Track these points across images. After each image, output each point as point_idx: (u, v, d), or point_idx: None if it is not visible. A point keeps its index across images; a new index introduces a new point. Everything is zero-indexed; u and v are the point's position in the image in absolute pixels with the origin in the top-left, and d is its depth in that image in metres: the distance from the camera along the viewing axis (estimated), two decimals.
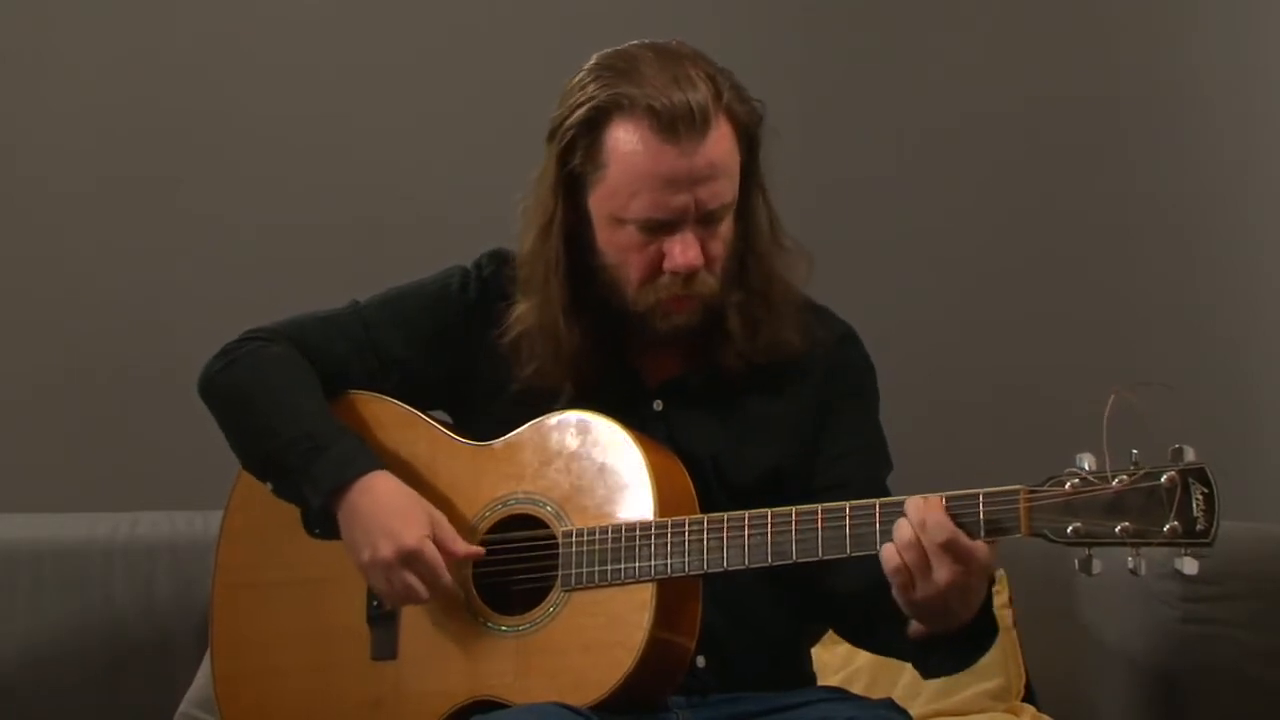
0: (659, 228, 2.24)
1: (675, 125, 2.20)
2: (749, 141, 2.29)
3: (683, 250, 2.24)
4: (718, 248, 2.28)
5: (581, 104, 2.26)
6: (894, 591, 2.08)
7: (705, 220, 2.25)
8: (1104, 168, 3.62)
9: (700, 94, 2.22)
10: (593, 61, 2.30)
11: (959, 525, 2.04)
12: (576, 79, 2.29)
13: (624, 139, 2.23)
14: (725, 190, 2.25)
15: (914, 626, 2.15)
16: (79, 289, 3.57)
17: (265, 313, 2.48)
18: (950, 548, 2.03)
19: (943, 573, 2.04)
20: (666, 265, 2.25)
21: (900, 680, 2.98)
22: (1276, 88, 3.38)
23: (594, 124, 2.25)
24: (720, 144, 2.24)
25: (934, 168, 3.65)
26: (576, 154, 2.27)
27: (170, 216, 3.59)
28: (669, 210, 2.23)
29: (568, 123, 2.27)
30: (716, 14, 3.64)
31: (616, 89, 2.23)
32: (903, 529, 2.06)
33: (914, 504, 2.07)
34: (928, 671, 2.30)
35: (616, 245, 2.28)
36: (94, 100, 3.60)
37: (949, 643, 2.16)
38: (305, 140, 3.61)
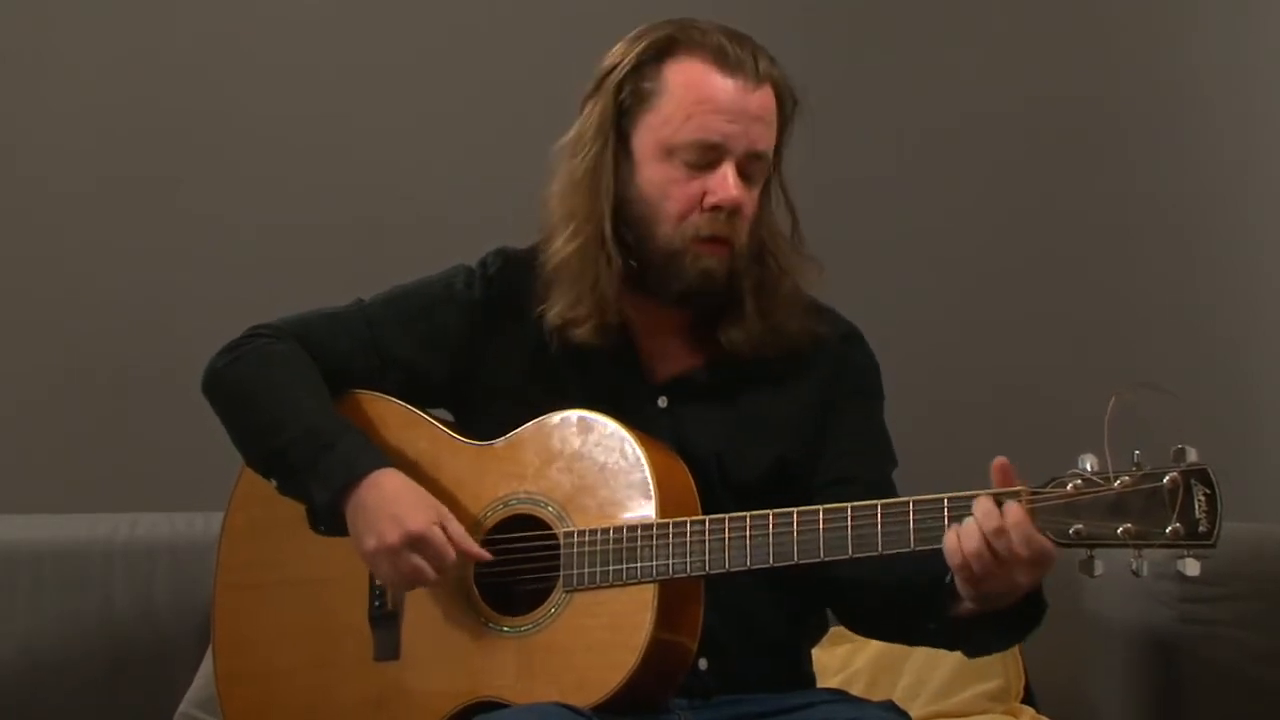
0: (706, 158, 2.28)
1: (740, 64, 2.28)
2: (783, 124, 2.34)
3: (724, 185, 2.27)
4: (751, 203, 2.31)
5: (641, 43, 2.32)
6: (958, 581, 2.09)
7: (747, 165, 2.29)
8: (1104, 168, 3.62)
9: (759, 57, 2.30)
10: (640, 34, 2.35)
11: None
12: (630, 34, 2.35)
13: (685, 67, 2.30)
14: (770, 140, 2.31)
15: (965, 607, 2.14)
16: (79, 289, 3.57)
17: (266, 313, 2.48)
18: (1038, 560, 2.04)
19: (1022, 576, 2.06)
20: (708, 200, 2.28)
21: (900, 682, 2.98)
22: (1276, 88, 3.38)
23: (656, 55, 2.31)
24: (771, 99, 2.31)
25: (934, 168, 3.65)
26: (627, 88, 2.31)
27: (170, 216, 3.59)
28: (721, 134, 2.27)
29: (626, 59, 2.32)
30: (716, 14, 3.64)
31: (679, 31, 2.31)
32: (970, 536, 2.05)
33: (987, 511, 2.05)
34: (976, 649, 2.29)
35: (658, 180, 2.30)
36: (94, 100, 3.60)
37: (1001, 619, 2.15)
38: (305, 140, 3.61)
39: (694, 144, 2.28)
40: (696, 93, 2.28)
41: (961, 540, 2.05)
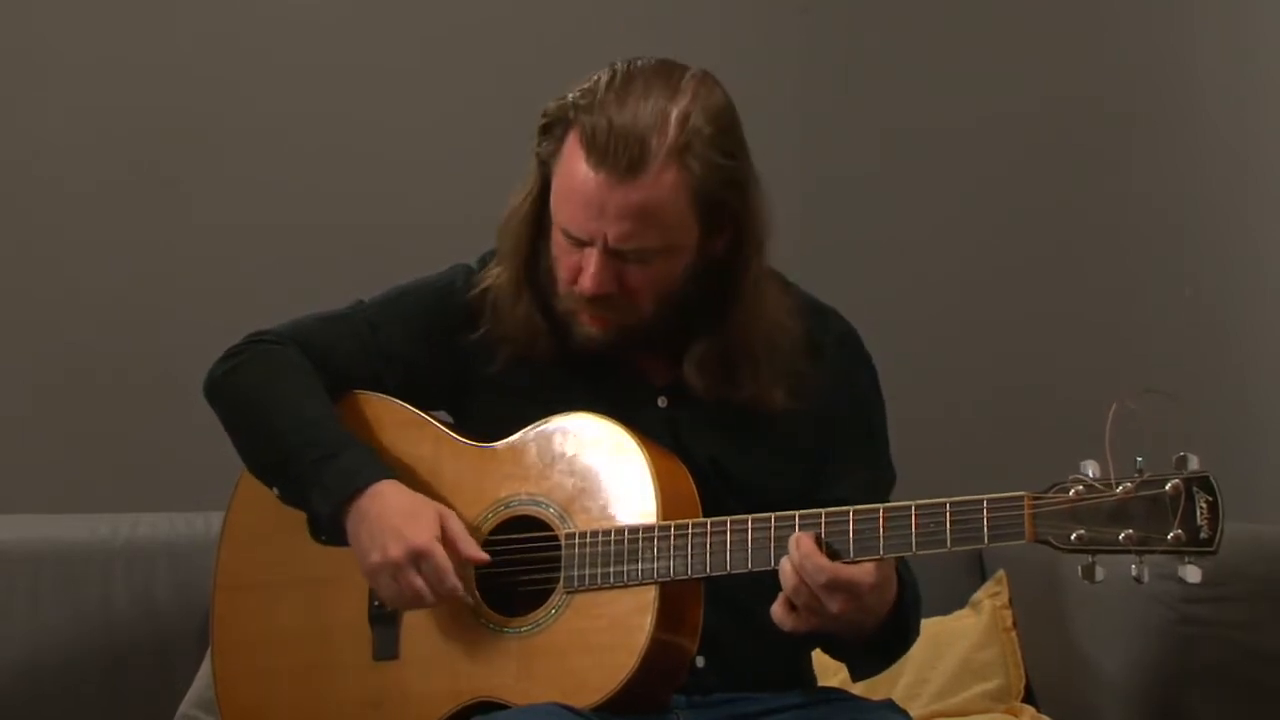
0: (579, 242, 2.25)
1: (605, 156, 2.20)
2: (707, 199, 2.24)
3: (585, 275, 2.25)
4: (639, 282, 2.26)
5: (559, 104, 2.27)
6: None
7: (620, 254, 2.24)
8: (1104, 168, 3.63)
9: (653, 136, 2.20)
10: (615, 64, 2.28)
11: (832, 549, 2.11)
12: (595, 75, 2.29)
13: (569, 147, 2.24)
14: (644, 236, 2.23)
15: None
16: (79, 289, 3.57)
17: (266, 314, 2.48)
18: (834, 585, 2.09)
19: (834, 605, 2.10)
20: (578, 279, 2.27)
21: (900, 681, 2.98)
22: (1276, 88, 3.38)
23: (561, 124, 2.26)
24: (653, 191, 2.21)
25: (934, 168, 3.65)
26: (546, 144, 2.28)
27: (170, 217, 3.59)
28: (578, 229, 2.24)
29: (548, 111, 2.28)
30: (716, 14, 3.64)
31: (583, 103, 2.23)
32: (787, 576, 2.11)
33: (791, 543, 2.11)
34: (853, 675, 2.39)
35: (555, 245, 2.30)
36: (94, 100, 3.60)
37: (867, 647, 2.25)
38: (306, 140, 3.61)
39: (560, 228, 2.26)
40: (565, 179, 2.24)
41: (783, 582, 2.11)
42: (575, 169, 2.22)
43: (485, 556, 2.27)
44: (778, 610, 2.13)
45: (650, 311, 2.28)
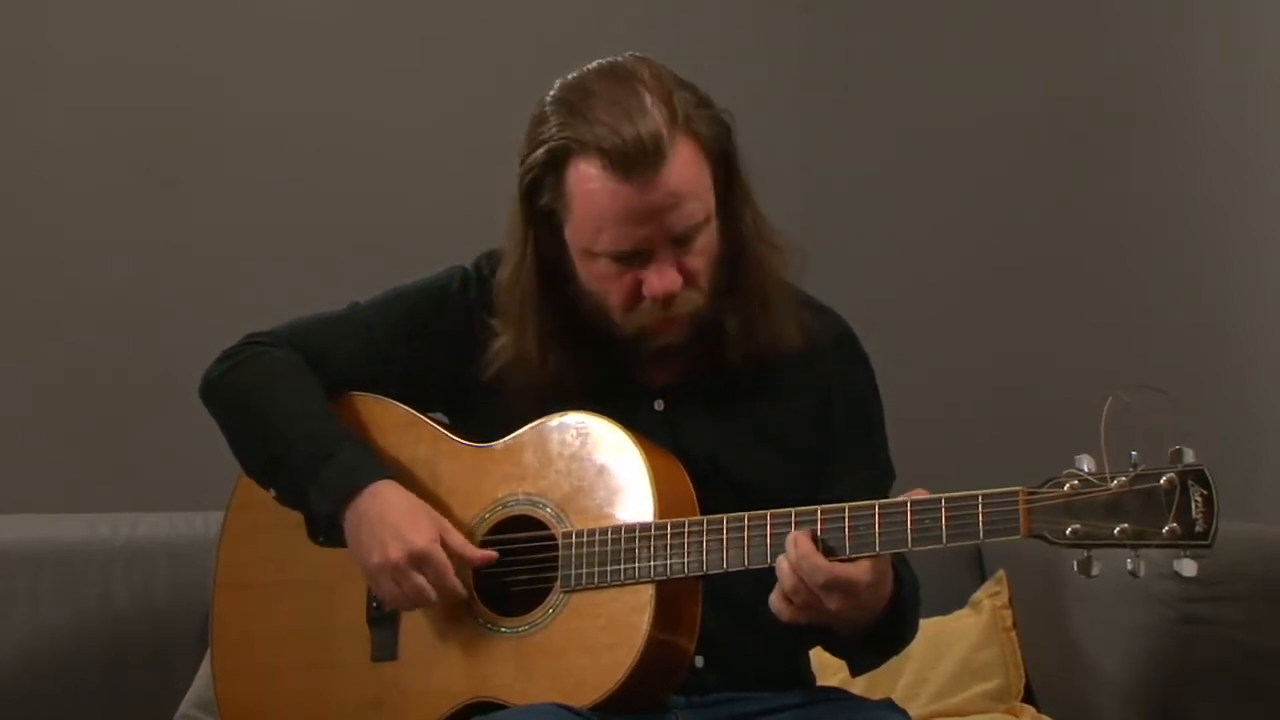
0: (630, 259, 2.24)
1: (629, 163, 2.18)
2: (719, 154, 2.26)
3: (659, 278, 2.23)
4: (697, 263, 2.26)
5: (540, 144, 2.24)
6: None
7: (678, 242, 2.24)
8: (1104, 168, 3.63)
9: (654, 123, 2.19)
10: (551, 94, 2.27)
11: (829, 546, 2.11)
12: (536, 113, 2.27)
13: (582, 179, 2.22)
14: (694, 211, 2.23)
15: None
16: (79, 289, 3.58)
17: (266, 314, 2.48)
18: (831, 585, 2.09)
19: (832, 603, 2.10)
20: (645, 291, 2.25)
21: (900, 681, 2.98)
22: (1276, 88, 3.38)
23: (555, 164, 2.24)
24: (682, 169, 2.21)
25: (934, 168, 3.65)
26: (544, 192, 2.26)
27: (170, 217, 3.60)
28: (635, 242, 2.22)
29: (529, 161, 2.26)
30: (718, 15, 3.65)
31: (569, 130, 2.21)
32: (785, 574, 2.11)
33: (789, 542, 2.12)
34: (852, 670, 2.39)
35: (595, 275, 2.27)
36: (94, 100, 3.60)
37: (864, 642, 2.24)
38: (306, 141, 3.62)
39: (611, 253, 2.24)
40: (598, 208, 2.21)
41: (780, 580, 2.12)
42: (605, 192, 2.20)
43: (492, 555, 2.28)
44: (775, 600, 2.14)
45: (707, 290, 2.28)
